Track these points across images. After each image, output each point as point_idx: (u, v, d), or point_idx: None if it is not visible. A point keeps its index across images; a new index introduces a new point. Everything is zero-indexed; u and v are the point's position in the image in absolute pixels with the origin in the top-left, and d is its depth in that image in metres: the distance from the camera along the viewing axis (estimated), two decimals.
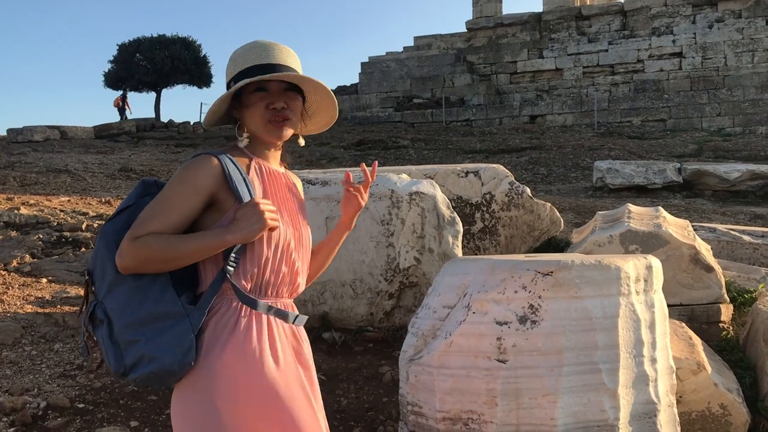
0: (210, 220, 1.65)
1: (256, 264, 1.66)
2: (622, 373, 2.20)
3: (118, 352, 1.59)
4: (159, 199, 1.63)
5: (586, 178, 14.40)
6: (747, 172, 12.62)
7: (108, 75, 26.32)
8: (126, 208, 1.69)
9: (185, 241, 1.59)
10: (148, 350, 1.56)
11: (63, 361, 4.08)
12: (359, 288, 4.10)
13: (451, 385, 2.24)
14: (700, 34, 23.50)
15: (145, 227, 1.57)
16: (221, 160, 1.67)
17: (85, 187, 11.64)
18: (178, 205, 1.61)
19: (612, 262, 2.25)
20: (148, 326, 1.58)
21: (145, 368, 1.57)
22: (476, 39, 27.22)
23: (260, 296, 1.68)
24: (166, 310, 1.58)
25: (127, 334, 1.58)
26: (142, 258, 1.56)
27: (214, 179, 1.65)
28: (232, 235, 1.60)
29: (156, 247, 1.56)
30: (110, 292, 1.61)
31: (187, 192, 1.62)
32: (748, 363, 3.53)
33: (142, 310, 1.58)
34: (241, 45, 1.79)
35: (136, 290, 1.59)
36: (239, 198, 1.65)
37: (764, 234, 6.27)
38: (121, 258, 1.57)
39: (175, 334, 1.57)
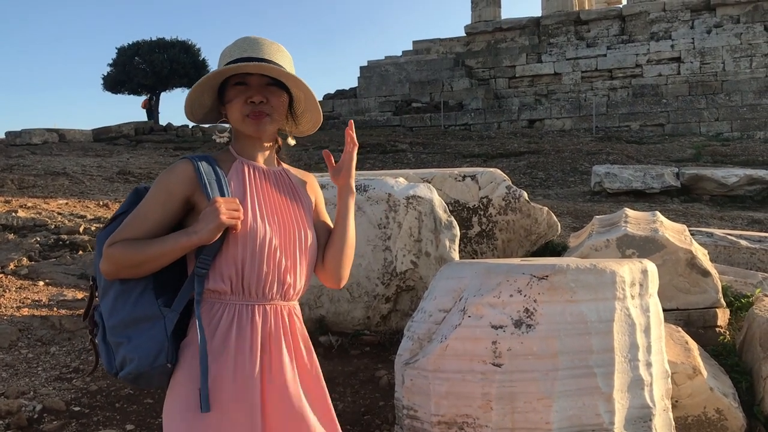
0: (190, 223, 1.67)
1: (232, 264, 1.63)
2: (617, 377, 2.20)
3: (110, 353, 1.66)
4: (137, 207, 1.68)
5: (585, 182, 14.41)
6: (745, 176, 12.63)
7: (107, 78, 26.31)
8: (119, 216, 1.73)
9: (150, 245, 1.62)
10: (128, 352, 1.62)
11: (59, 364, 4.07)
12: (356, 291, 4.10)
13: (446, 389, 2.24)
14: (698, 39, 23.54)
15: (121, 234, 1.64)
16: (195, 163, 1.68)
17: (83, 190, 11.63)
18: (151, 212, 1.66)
19: (607, 266, 2.25)
20: (130, 328, 1.63)
21: (127, 368, 1.62)
22: (475, 43, 27.25)
23: (244, 298, 1.65)
24: (145, 313, 1.63)
25: (114, 336, 1.64)
26: (116, 263, 1.62)
27: (186, 183, 1.67)
28: (188, 236, 1.60)
29: (125, 252, 1.61)
30: (102, 296, 1.68)
31: (160, 198, 1.66)
32: (744, 368, 3.53)
33: (125, 313, 1.63)
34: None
35: (121, 294, 1.65)
36: (209, 199, 1.64)
37: (761, 239, 6.27)
38: (102, 263, 1.64)
39: (150, 335, 1.61)
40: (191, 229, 1.62)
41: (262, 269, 1.65)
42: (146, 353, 1.60)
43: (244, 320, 1.64)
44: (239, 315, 1.64)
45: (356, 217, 4.10)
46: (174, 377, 1.63)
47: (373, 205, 4.01)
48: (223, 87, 1.75)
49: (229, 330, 1.63)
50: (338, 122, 25.21)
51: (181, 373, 1.62)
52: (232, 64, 1.69)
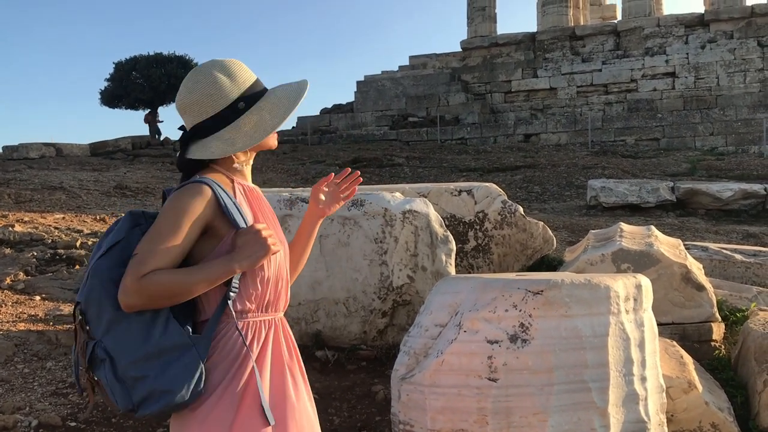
0: (206, 247, 1.65)
1: (257, 285, 1.69)
2: (611, 391, 2.21)
3: (125, 390, 1.56)
4: (157, 233, 1.60)
5: (580, 196, 14.46)
6: (740, 191, 12.69)
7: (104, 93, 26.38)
8: (117, 243, 1.65)
9: (192, 274, 1.59)
10: (159, 384, 1.55)
11: (55, 379, 4.07)
12: (352, 306, 4.11)
13: (442, 404, 2.25)
14: (692, 55, 23.72)
15: (149, 264, 1.55)
16: (213, 188, 1.66)
17: (80, 204, 11.64)
18: (177, 238, 1.59)
19: (601, 281, 2.27)
20: (155, 361, 1.56)
21: (158, 403, 1.55)
22: (471, 58, 27.41)
23: (261, 314, 1.71)
24: (173, 343, 1.57)
25: (133, 370, 1.55)
26: (151, 296, 1.54)
27: (209, 208, 1.64)
28: (239, 264, 1.61)
29: (165, 283, 1.55)
30: (111, 330, 1.58)
31: (184, 223, 1.61)
32: (739, 382, 3.54)
33: (148, 345, 1.56)
34: (205, 72, 1.74)
35: (138, 326, 1.57)
36: (235, 225, 1.66)
37: (756, 253, 6.31)
38: (126, 296, 1.54)
39: (184, 364, 1.56)
40: (237, 257, 1.62)
41: (278, 286, 1.76)
42: (186, 383, 1.56)
43: (263, 335, 1.70)
44: (259, 330, 1.70)
45: (353, 232, 4.13)
46: (205, 404, 1.60)
47: (370, 219, 4.03)
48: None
49: (257, 345, 1.68)
50: (335, 136, 25.29)
51: (216, 398, 1.61)
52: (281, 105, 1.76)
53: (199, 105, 1.71)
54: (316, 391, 3.83)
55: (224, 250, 1.64)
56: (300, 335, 4.18)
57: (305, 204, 4.18)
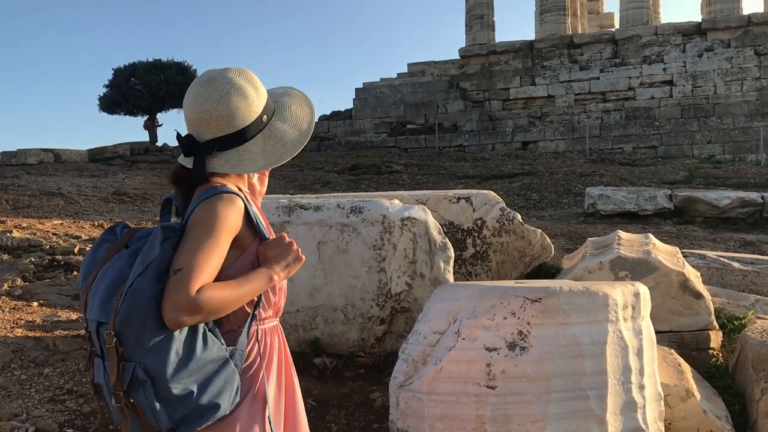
0: (230, 256, 1.64)
1: (277, 293, 1.76)
2: (610, 399, 2.21)
3: (167, 408, 1.54)
4: (197, 246, 1.56)
5: (578, 204, 14.48)
6: (737, 199, 12.72)
7: (103, 99, 26.40)
8: (153, 261, 1.57)
9: (240, 287, 1.60)
10: (204, 400, 1.55)
11: (52, 385, 4.05)
12: (351, 313, 4.11)
13: (440, 412, 2.25)
14: (690, 63, 23.80)
15: (198, 279, 1.52)
16: (242, 199, 1.67)
17: (78, 210, 11.63)
18: (218, 251, 1.58)
19: (600, 289, 2.27)
20: (196, 376, 1.55)
21: (202, 419, 1.55)
22: (469, 66, 27.48)
23: (270, 320, 1.78)
24: (213, 356, 1.58)
25: (177, 388, 1.53)
26: (206, 311, 1.53)
27: (241, 218, 1.65)
28: (278, 274, 1.67)
29: (219, 299, 1.54)
30: (153, 349, 1.53)
31: (223, 235, 1.60)
32: (737, 390, 3.54)
33: (191, 361, 1.55)
34: (224, 83, 1.70)
35: (180, 343, 1.55)
36: (262, 236, 1.69)
37: (754, 261, 6.32)
38: (178, 313, 1.50)
39: (225, 378, 1.58)
40: (276, 268, 1.66)
41: (284, 292, 1.83)
42: (229, 396, 1.58)
43: (273, 338, 1.77)
44: (271, 336, 1.76)
45: (351, 239, 4.13)
46: (234, 414, 1.61)
47: (368, 226, 4.03)
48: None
49: (272, 350, 1.75)
50: (333, 143, 25.32)
51: (242, 407, 1.64)
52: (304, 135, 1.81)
53: (228, 118, 1.67)
54: (314, 398, 3.83)
55: (248, 261, 1.66)
56: (298, 342, 4.18)
57: (303, 211, 4.19)
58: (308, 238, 4.10)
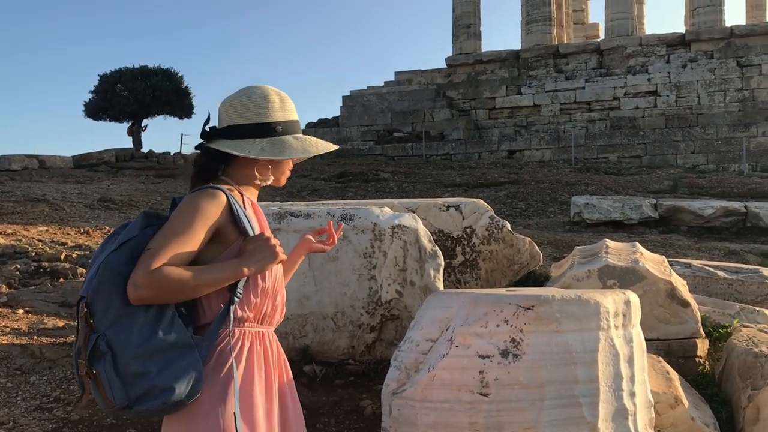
0: (212, 251, 1.72)
1: (258, 295, 1.76)
2: (602, 407, 2.23)
3: (123, 384, 1.59)
4: (171, 231, 1.67)
5: (564, 212, 14.57)
6: (721, 208, 12.86)
7: (88, 105, 26.21)
8: (129, 240, 1.70)
9: (204, 273, 1.65)
10: (160, 381, 1.58)
11: (39, 393, 4.02)
12: (341, 321, 4.11)
13: (434, 419, 2.26)
14: (674, 74, 24.07)
15: (161, 259, 1.60)
16: (227, 195, 1.74)
17: (63, 216, 11.54)
18: (191, 238, 1.66)
19: (591, 297, 2.30)
20: (157, 357, 1.60)
21: (156, 399, 1.59)
22: (456, 75, 27.62)
23: (257, 325, 1.78)
24: (177, 341, 1.62)
25: (135, 365, 1.59)
26: (161, 289, 1.59)
27: (222, 213, 1.72)
28: (247, 267, 1.69)
29: (176, 278, 1.60)
30: (116, 323, 1.61)
31: (198, 225, 1.67)
32: (723, 397, 3.58)
33: (152, 342, 1.60)
34: (261, 87, 1.87)
35: (144, 322, 1.61)
36: (245, 232, 1.74)
37: (738, 270, 6.39)
38: (137, 289, 1.58)
39: (185, 364, 1.61)
40: (248, 261, 1.69)
41: (277, 299, 1.84)
42: (186, 383, 1.60)
43: (258, 346, 1.77)
44: (254, 341, 1.76)
45: (342, 246, 4.13)
46: (196, 407, 1.64)
47: (359, 234, 4.04)
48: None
49: (251, 356, 1.74)
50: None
51: (208, 402, 1.65)
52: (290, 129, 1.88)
53: (244, 110, 1.82)
54: (304, 406, 3.79)
55: (230, 257, 1.71)
56: (288, 350, 4.15)
57: (294, 218, 4.19)
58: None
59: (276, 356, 1.84)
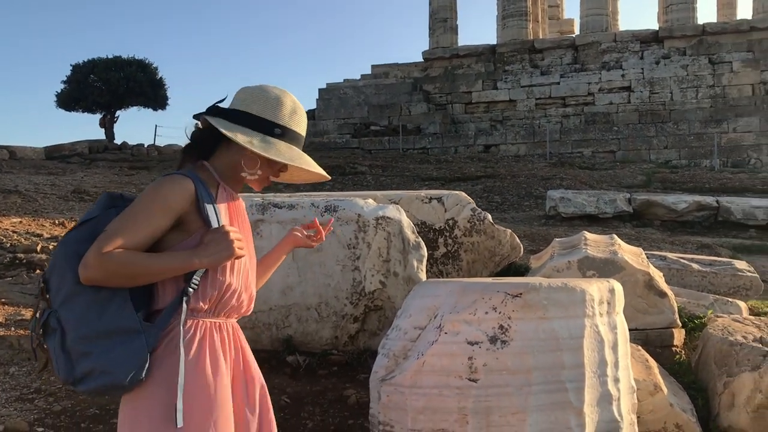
0: (174, 239, 1.69)
1: (217, 288, 1.71)
2: (587, 392, 2.29)
3: (69, 362, 1.60)
4: (129, 214, 1.64)
5: (539, 206, 14.70)
6: (693, 203, 13.08)
7: (61, 95, 25.81)
8: (90, 219, 1.69)
9: (154, 260, 1.62)
10: (100, 364, 1.57)
11: (19, 384, 3.99)
12: (324, 311, 4.13)
13: (423, 404, 2.30)
14: (647, 70, 24.36)
15: (115, 242, 1.58)
16: (195, 183, 1.70)
17: (36, 208, 11.38)
18: (149, 224, 1.63)
19: (578, 285, 2.35)
20: (102, 340, 1.59)
21: (96, 381, 1.58)
22: (432, 69, 27.67)
23: (214, 316, 1.74)
24: (124, 326, 1.60)
25: (80, 345, 1.59)
26: (110, 272, 1.57)
27: (186, 201, 1.68)
28: (199, 259, 1.64)
29: (126, 263, 1.58)
30: (67, 302, 1.61)
31: (159, 211, 1.64)
32: (700, 385, 3.67)
33: (99, 324, 1.59)
34: (282, 90, 1.87)
35: (94, 303, 1.60)
36: (208, 223, 1.69)
37: (712, 262, 6.53)
38: (86, 269, 1.57)
39: (130, 350, 1.59)
40: (202, 253, 1.65)
41: (242, 294, 1.79)
42: (127, 368, 1.57)
43: (215, 336, 1.72)
44: (210, 332, 1.72)
45: (326, 238, 4.14)
46: (143, 391, 1.62)
47: (343, 225, 4.06)
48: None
49: (203, 345, 1.69)
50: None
51: (154, 387, 1.62)
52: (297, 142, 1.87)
53: (253, 100, 1.80)
54: (288, 396, 3.84)
55: (189, 246, 1.67)
56: (271, 340, 4.19)
57: (277, 209, 4.19)
58: (282, 236, 4.10)
59: (233, 346, 1.78)
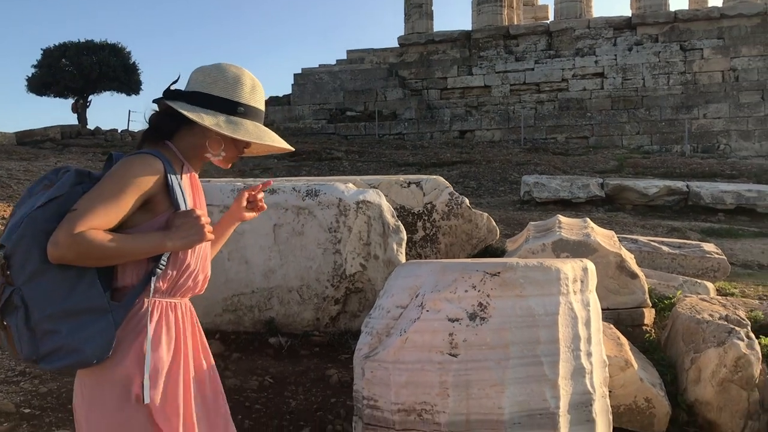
0: (139, 218, 1.70)
1: (177, 268, 1.75)
2: (561, 365, 2.40)
3: (33, 340, 1.61)
4: (100, 193, 1.64)
5: (514, 191, 14.88)
6: (664, 187, 13.34)
7: (31, 80, 25.39)
8: (57, 197, 1.67)
9: (126, 242, 1.64)
10: (70, 342, 1.60)
11: (3, 368, 4.02)
12: (306, 294, 4.21)
13: (406, 379, 2.40)
14: (620, 56, 24.63)
15: (86, 222, 1.59)
16: (164, 164, 1.73)
17: (11, 194, 11.26)
18: (119, 204, 1.64)
19: (553, 264, 2.46)
20: (71, 318, 1.61)
21: (63, 360, 1.61)
22: (408, 54, 27.69)
23: (169, 297, 1.78)
24: (92, 305, 1.63)
25: (47, 323, 1.60)
26: (82, 252, 1.58)
27: (156, 181, 1.70)
28: (172, 242, 1.68)
29: (97, 243, 1.59)
30: (32, 279, 1.61)
31: (129, 190, 1.65)
32: (669, 361, 3.82)
33: (68, 302, 1.61)
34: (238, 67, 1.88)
35: (62, 282, 1.61)
36: (176, 204, 1.73)
37: (681, 245, 6.71)
38: (56, 248, 1.57)
39: (99, 328, 1.62)
40: (172, 236, 1.67)
41: (198, 275, 1.84)
42: (96, 346, 1.61)
43: (170, 316, 1.77)
44: (166, 311, 1.76)
45: (307, 221, 4.23)
46: (103, 368, 1.65)
47: (324, 209, 4.14)
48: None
49: (160, 324, 1.74)
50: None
51: (114, 366, 1.66)
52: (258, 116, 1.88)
53: (213, 81, 1.81)
54: (272, 376, 3.92)
55: (156, 226, 1.71)
56: (253, 322, 4.26)
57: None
58: (264, 220, 4.17)
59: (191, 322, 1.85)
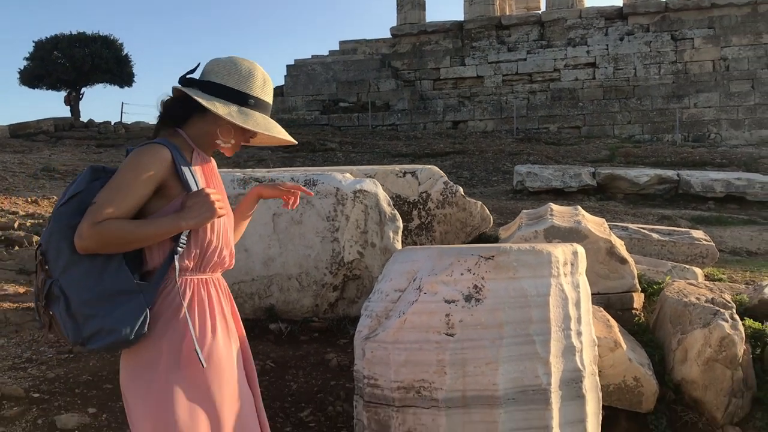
0: (157, 205, 1.84)
1: (199, 246, 1.89)
2: (553, 344, 2.53)
3: (76, 325, 1.76)
4: (114, 185, 1.79)
5: (507, 181, 15.01)
6: (655, 176, 13.49)
7: (24, 72, 25.31)
8: (78, 194, 1.82)
9: (143, 226, 1.78)
10: (107, 323, 1.74)
11: (11, 355, 4.12)
12: (305, 281, 4.32)
13: (404, 358, 2.52)
14: (612, 46, 24.72)
15: (105, 212, 1.73)
16: (172, 151, 1.87)
17: (7, 186, 11.33)
18: (133, 193, 1.78)
19: (544, 248, 2.58)
20: (104, 302, 1.75)
21: (104, 339, 1.75)
22: (400, 45, 27.71)
23: (199, 273, 1.92)
24: (122, 288, 1.76)
25: (85, 309, 1.75)
26: (104, 241, 1.73)
27: (165, 168, 1.84)
28: (185, 222, 1.82)
29: (117, 231, 1.74)
30: (66, 271, 1.76)
31: (141, 179, 1.79)
32: (657, 342, 3.96)
33: (100, 288, 1.75)
34: (251, 62, 2.01)
35: (92, 269, 1.76)
36: (187, 187, 1.86)
37: (671, 232, 6.85)
38: (81, 240, 1.72)
39: (131, 308, 1.76)
40: (186, 216, 1.82)
41: (223, 251, 1.97)
42: (131, 325, 1.75)
43: (202, 293, 1.91)
44: (198, 288, 1.90)
45: (306, 210, 4.34)
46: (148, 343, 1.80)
47: (322, 198, 4.25)
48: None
49: (193, 302, 1.88)
50: None
51: (156, 339, 1.81)
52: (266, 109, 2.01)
53: (228, 73, 1.94)
54: (273, 360, 4.04)
55: (172, 210, 1.84)
56: (253, 309, 4.38)
57: (258, 183, 4.36)
58: (263, 210, 4.28)
59: (220, 299, 1.97)
